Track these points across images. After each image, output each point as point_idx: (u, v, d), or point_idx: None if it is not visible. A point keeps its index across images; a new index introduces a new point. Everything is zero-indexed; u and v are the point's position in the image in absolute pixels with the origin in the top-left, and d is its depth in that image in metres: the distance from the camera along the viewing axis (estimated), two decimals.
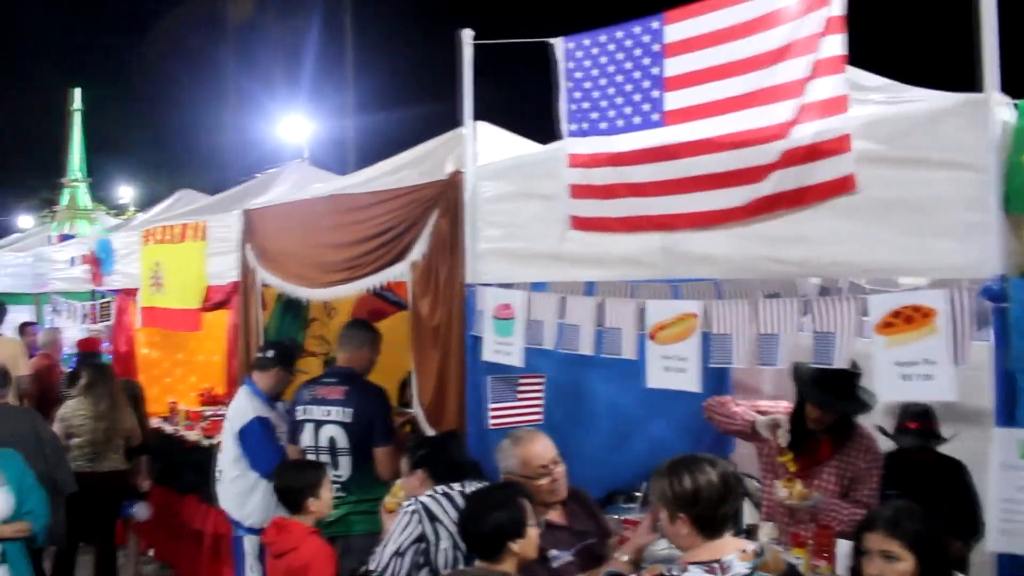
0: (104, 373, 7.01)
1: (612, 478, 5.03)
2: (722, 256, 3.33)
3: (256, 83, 23.76)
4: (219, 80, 27.98)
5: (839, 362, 3.01)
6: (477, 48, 4.30)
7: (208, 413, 7.82)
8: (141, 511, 7.12)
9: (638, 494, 4.76)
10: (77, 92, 13.55)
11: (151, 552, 7.83)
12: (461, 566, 3.58)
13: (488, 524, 3.29)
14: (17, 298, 11.32)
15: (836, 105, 2.91)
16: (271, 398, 5.37)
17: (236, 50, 26.91)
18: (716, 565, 2.81)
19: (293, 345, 5.87)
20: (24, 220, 24.35)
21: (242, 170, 17.92)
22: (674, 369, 3.45)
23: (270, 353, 5.47)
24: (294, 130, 19.11)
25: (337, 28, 22.69)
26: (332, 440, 4.84)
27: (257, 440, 5.23)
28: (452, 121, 4.72)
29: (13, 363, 7.67)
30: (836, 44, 2.91)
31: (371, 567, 3.72)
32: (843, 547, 3.52)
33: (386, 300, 6.14)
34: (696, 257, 3.42)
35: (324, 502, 4.26)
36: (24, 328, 10.13)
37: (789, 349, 3.20)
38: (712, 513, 2.90)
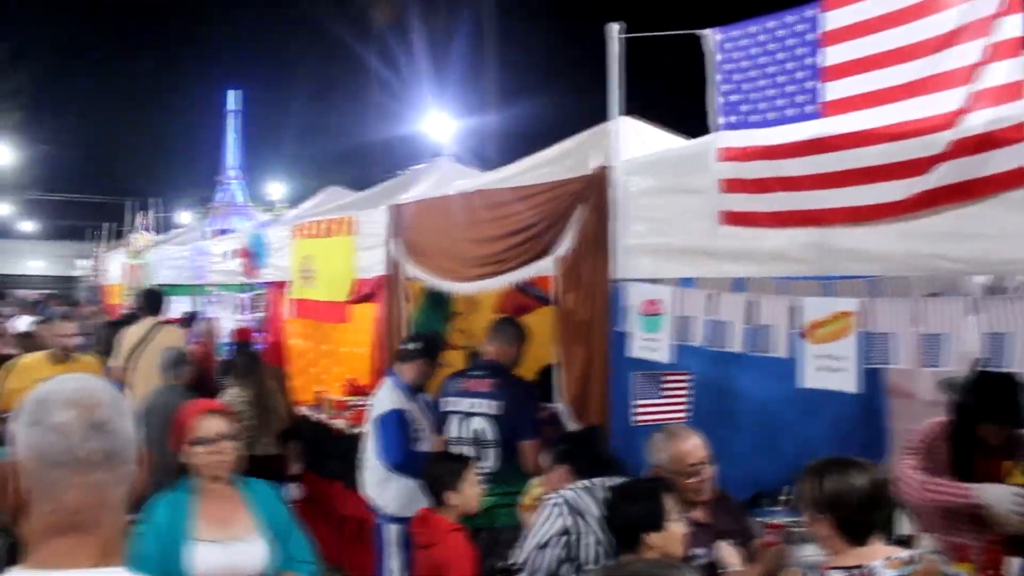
0: (255, 361, 7.32)
1: (757, 480, 4.92)
2: (880, 253, 3.20)
3: (400, 82, 24.27)
4: (364, 80, 28.70)
5: (1017, 365, 2.84)
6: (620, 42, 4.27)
7: (352, 403, 8.04)
8: (293, 491, 7.40)
9: (783, 497, 4.65)
10: (232, 94, 14.18)
11: None
12: (606, 561, 3.56)
13: (625, 516, 3.29)
14: (177, 289, 11.93)
15: (1012, 91, 2.74)
16: (414, 390, 5.47)
17: (381, 50, 27.55)
18: (859, 571, 2.72)
19: (436, 336, 5.96)
20: (183, 216, 25.60)
21: (386, 167, 18.38)
22: (829, 368, 3.35)
23: (412, 346, 5.58)
24: (438, 127, 19.44)
25: (480, 25, 22.96)
26: (479, 432, 4.92)
27: (390, 431, 5.35)
28: (594, 116, 4.70)
29: None
30: (1013, 25, 2.74)
31: (514, 561, 3.75)
32: (1014, 565, 3.34)
33: (530, 295, 6.16)
34: (852, 253, 3.30)
35: (466, 496, 4.24)
36: (187, 319, 10.66)
37: (954, 351, 3.05)
38: (856, 518, 2.82)
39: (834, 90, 3.27)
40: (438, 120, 19.86)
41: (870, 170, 3.14)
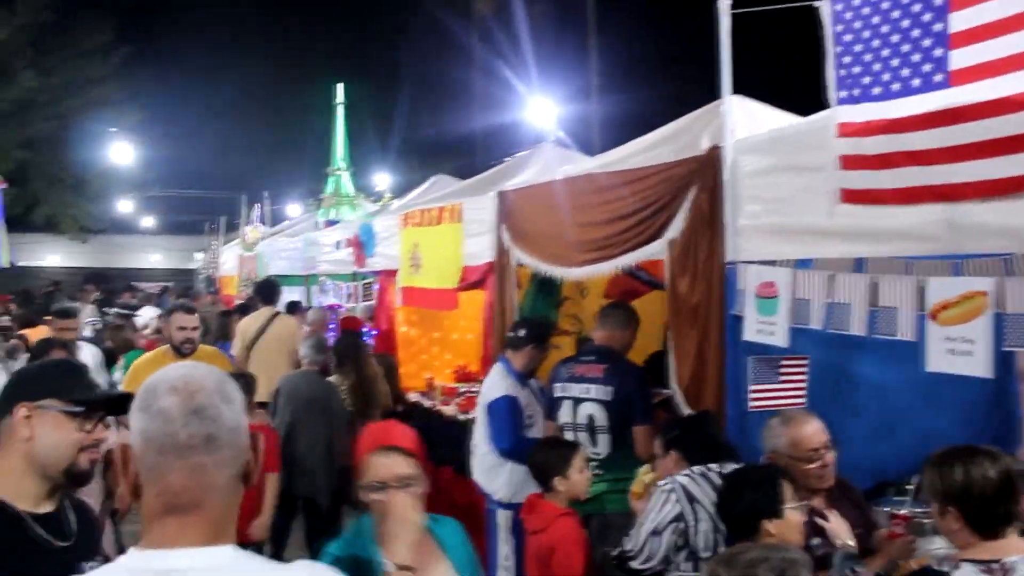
0: (356, 348, 7.43)
1: (878, 469, 4.73)
2: (1015, 228, 3.03)
3: (503, 69, 24.29)
4: (467, 68, 28.85)
5: None
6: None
7: (462, 389, 8.10)
8: None
9: (909, 487, 4.47)
10: (340, 87, 14.39)
11: None
12: (722, 548, 3.49)
13: (743, 502, 3.21)
14: (289, 279, 12.23)
15: None
16: (524, 376, 5.46)
17: (483, 37, 27.64)
18: (996, 566, 2.58)
19: (545, 322, 5.93)
20: (292, 208, 26.22)
21: (489, 155, 18.45)
22: (959, 352, 3.19)
23: (521, 332, 5.56)
24: (540, 113, 19.39)
25: (581, 7, 22.79)
26: (591, 418, 4.88)
27: (501, 417, 5.35)
28: (695, 99, 4.59)
29: (292, 339, 8.31)
30: None
31: (627, 548, 3.70)
32: None
33: (639, 279, 6.10)
34: (987, 230, 3.13)
35: (574, 482, 4.17)
36: (292, 307, 10.90)
37: None
38: (987, 510, 2.68)
39: (962, 58, 3.10)
40: (541, 106, 19.77)
41: (1003, 141, 2.97)
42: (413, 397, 8.29)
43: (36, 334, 8.05)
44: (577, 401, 4.96)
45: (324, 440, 6.43)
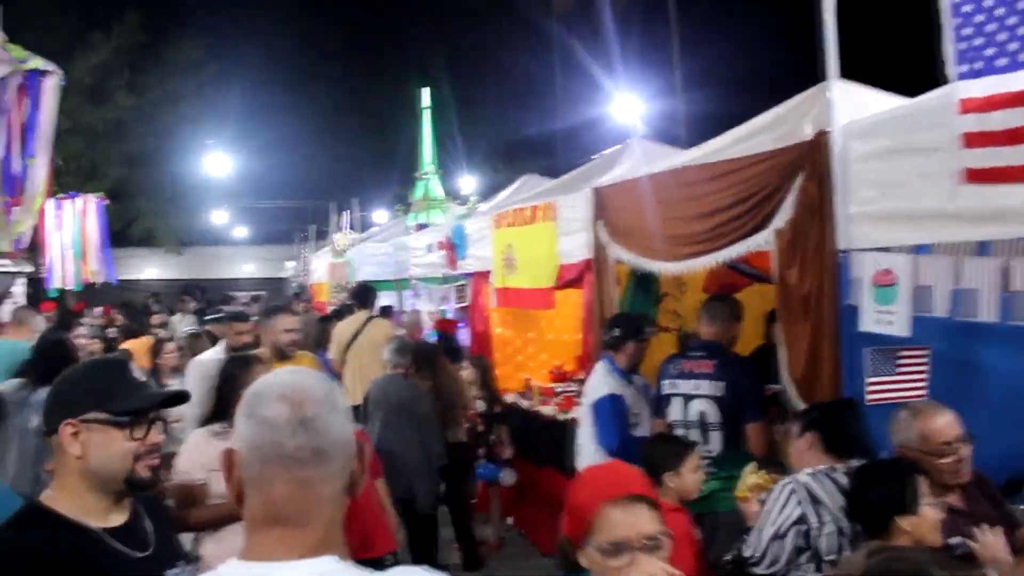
0: (432, 353, 7.44)
1: (1010, 465, 4.51)
2: None
3: (586, 66, 24.14)
4: (549, 67, 28.73)
5: None
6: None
7: (559, 389, 8.05)
8: (507, 477, 7.51)
9: None
10: (426, 91, 14.44)
11: (510, 520, 8.20)
12: (847, 552, 3.34)
13: (874, 496, 3.07)
14: (380, 284, 12.33)
15: None
16: (628, 372, 5.37)
17: (565, 37, 27.51)
18: None
19: (637, 316, 5.79)
20: (379, 215, 26.51)
21: (573, 154, 18.34)
22: None
23: (616, 331, 5.44)
24: (626, 109, 19.22)
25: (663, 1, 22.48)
26: (702, 414, 4.77)
27: (606, 416, 5.25)
28: (784, 87, 4.45)
29: (386, 342, 8.34)
30: None
31: (746, 553, 3.57)
32: None
33: (739, 272, 5.93)
34: None
35: (685, 481, 4.03)
36: (384, 311, 10.98)
37: None
38: None
39: None
40: (626, 103, 19.59)
41: None
42: (510, 398, 8.26)
43: (139, 346, 8.26)
44: (687, 398, 4.86)
45: (416, 443, 6.44)
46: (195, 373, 6.09)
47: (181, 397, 2.51)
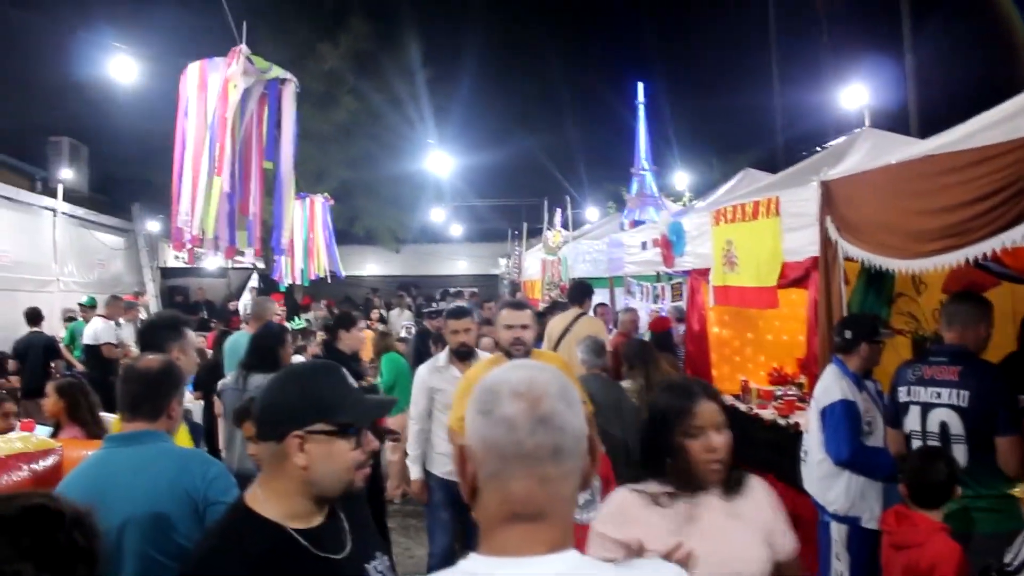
0: (645, 350, 7.30)
1: None
2: None
3: (805, 57, 23.22)
4: (766, 60, 27.85)
5: None
6: None
7: (779, 392, 7.74)
8: None
9: None
10: (640, 86, 14.31)
11: None
12: None
13: None
14: (594, 281, 12.31)
15: None
16: (860, 377, 5.03)
17: (782, 26, 26.58)
18: None
19: (870, 317, 5.43)
20: (591, 212, 26.56)
21: (792, 147, 17.68)
22: None
23: (847, 333, 5.11)
24: (851, 99, 18.26)
25: None
26: (944, 425, 4.39)
27: (837, 423, 4.92)
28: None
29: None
30: None
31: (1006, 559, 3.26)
32: None
33: (987, 271, 5.45)
34: None
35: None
36: (598, 309, 10.92)
37: None
38: None
39: None
40: (852, 93, 18.61)
41: None
42: (727, 400, 8.01)
43: (351, 340, 8.57)
44: (926, 407, 4.48)
45: (621, 443, 6.31)
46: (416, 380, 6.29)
47: (391, 404, 2.59)
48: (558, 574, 1.49)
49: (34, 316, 12.62)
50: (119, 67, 14.30)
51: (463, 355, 6.01)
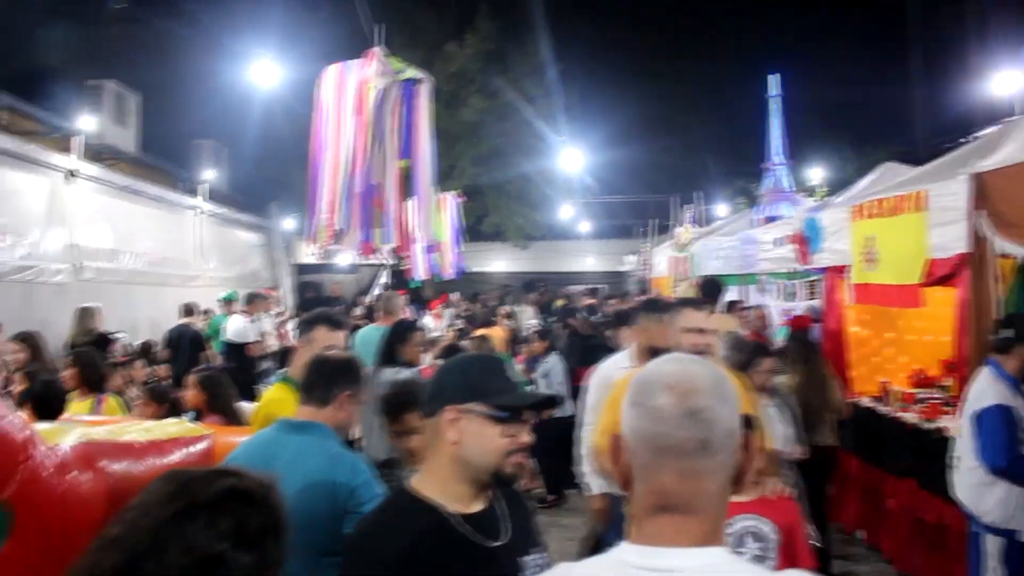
0: (808, 348, 7.10)
1: None
2: None
3: (950, 41, 22.13)
4: (902, 45, 26.68)
5: None
6: None
7: (922, 395, 7.43)
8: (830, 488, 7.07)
9: None
10: (773, 79, 13.98)
11: (861, 534, 7.68)
12: None
13: None
14: (725, 278, 12.07)
15: None
16: (1018, 380, 4.76)
17: (924, 8, 25.42)
18: None
19: None
20: (720, 208, 26.08)
21: (933, 139, 16.88)
22: None
23: (1009, 332, 4.85)
24: (1005, 86, 17.23)
25: None
26: None
27: (992, 429, 4.67)
28: None
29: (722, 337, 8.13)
30: None
31: None
32: None
33: None
34: None
35: None
36: (732, 306, 10.70)
37: None
38: None
39: None
40: (1006, 79, 17.52)
41: None
42: (866, 402, 7.72)
43: (496, 334, 8.64)
44: None
45: None
46: (595, 381, 5.46)
47: (552, 401, 2.58)
48: (703, 567, 1.50)
49: (188, 310, 13.22)
50: (260, 72, 14.78)
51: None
